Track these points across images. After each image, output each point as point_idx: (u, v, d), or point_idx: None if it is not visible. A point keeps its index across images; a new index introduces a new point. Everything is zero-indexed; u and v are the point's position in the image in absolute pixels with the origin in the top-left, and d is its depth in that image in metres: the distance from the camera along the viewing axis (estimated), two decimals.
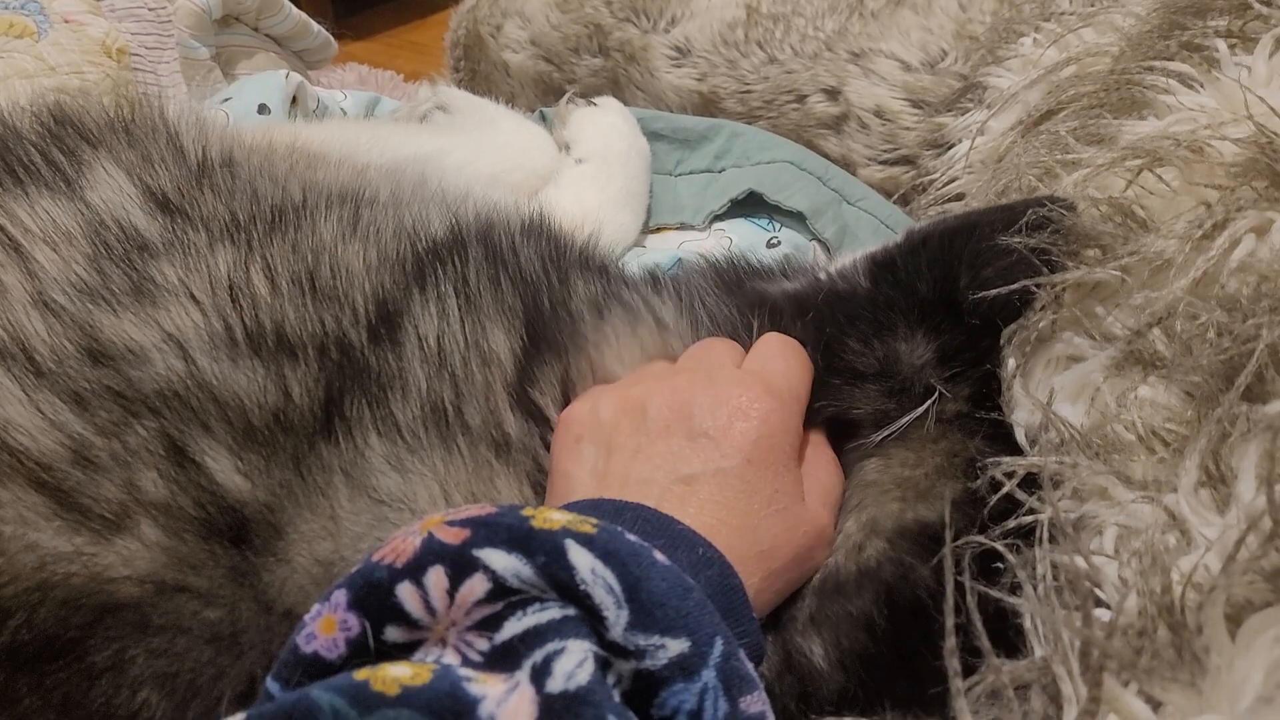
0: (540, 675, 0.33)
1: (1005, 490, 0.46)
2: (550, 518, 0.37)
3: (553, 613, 0.35)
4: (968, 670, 0.38)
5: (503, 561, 0.36)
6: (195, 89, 0.96)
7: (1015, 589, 0.42)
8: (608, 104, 0.94)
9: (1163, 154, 0.52)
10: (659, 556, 0.37)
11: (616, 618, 0.35)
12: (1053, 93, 0.76)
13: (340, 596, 0.37)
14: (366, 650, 0.36)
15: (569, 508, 0.41)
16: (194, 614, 0.44)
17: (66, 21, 0.97)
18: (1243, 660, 0.31)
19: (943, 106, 0.94)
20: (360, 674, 0.33)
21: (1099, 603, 0.39)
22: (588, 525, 0.37)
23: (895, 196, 0.96)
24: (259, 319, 0.49)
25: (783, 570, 0.47)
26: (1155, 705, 0.33)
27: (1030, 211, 0.51)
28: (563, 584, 0.36)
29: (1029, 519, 0.43)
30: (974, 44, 0.96)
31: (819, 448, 0.53)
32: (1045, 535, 0.42)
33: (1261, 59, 0.56)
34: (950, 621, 0.37)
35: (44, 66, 0.92)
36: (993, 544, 0.42)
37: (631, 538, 0.38)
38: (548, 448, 0.52)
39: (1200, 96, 0.57)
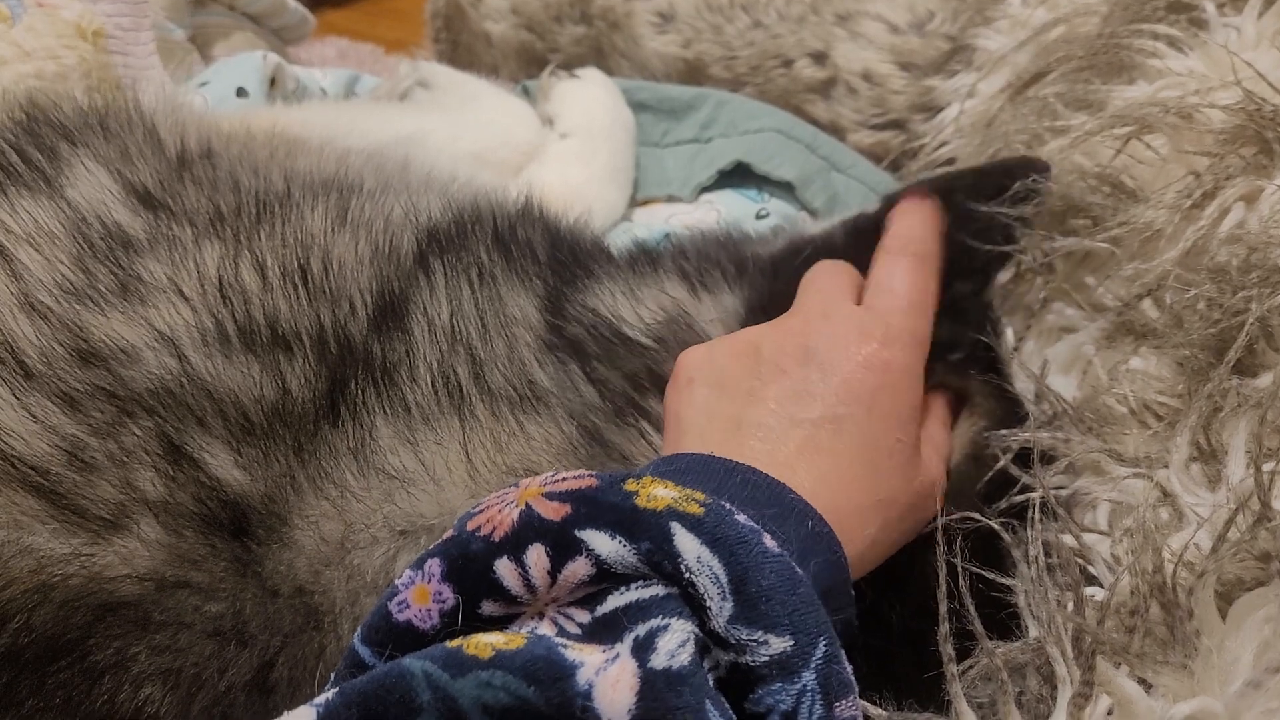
0: (643, 649, 0.32)
1: (1000, 465, 0.46)
2: (655, 495, 0.36)
3: (656, 590, 0.34)
4: (966, 652, 0.38)
5: (606, 546, 0.35)
6: (173, 72, 0.95)
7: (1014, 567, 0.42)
8: (591, 76, 0.93)
9: (1151, 121, 0.52)
10: (768, 543, 0.36)
11: (720, 609, 0.34)
12: (1041, 55, 0.75)
13: (434, 566, 0.36)
14: (459, 622, 0.35)
15: (678, 470, 0.40)
16: (195, 609, 0.44)
17: (40, 5, 0.95)
18: (1233, 640, 0.31)
19: (931, 69, 0.93)
20: (452, 643, 0.33)
21: (1091, 580, 0.39)
22: (694, 505, 0.36)
23: (885, 162, 0.95)
24: (251, 314, 0.49)
25: (898, 521, 0.45)
26: (1148, 687, 0.33)
27: (1004, 175, 0.52)
28: (666, 572, 0.34)
29: (1020, 498, 0.44)
30: (962, 4, 0.94)
31: (933, 400, 0.52)
32: (1037, 514, 0.42)
33: (1250, 19, 0.56)
34: (944, 608, 0.37)
35: (19, 52, 0.90)
36: (987, 521, 0.42)
37: (741, 519, 0.36)
38: (590, 379, 0.52)
39: (1188, 60, 0.56)
